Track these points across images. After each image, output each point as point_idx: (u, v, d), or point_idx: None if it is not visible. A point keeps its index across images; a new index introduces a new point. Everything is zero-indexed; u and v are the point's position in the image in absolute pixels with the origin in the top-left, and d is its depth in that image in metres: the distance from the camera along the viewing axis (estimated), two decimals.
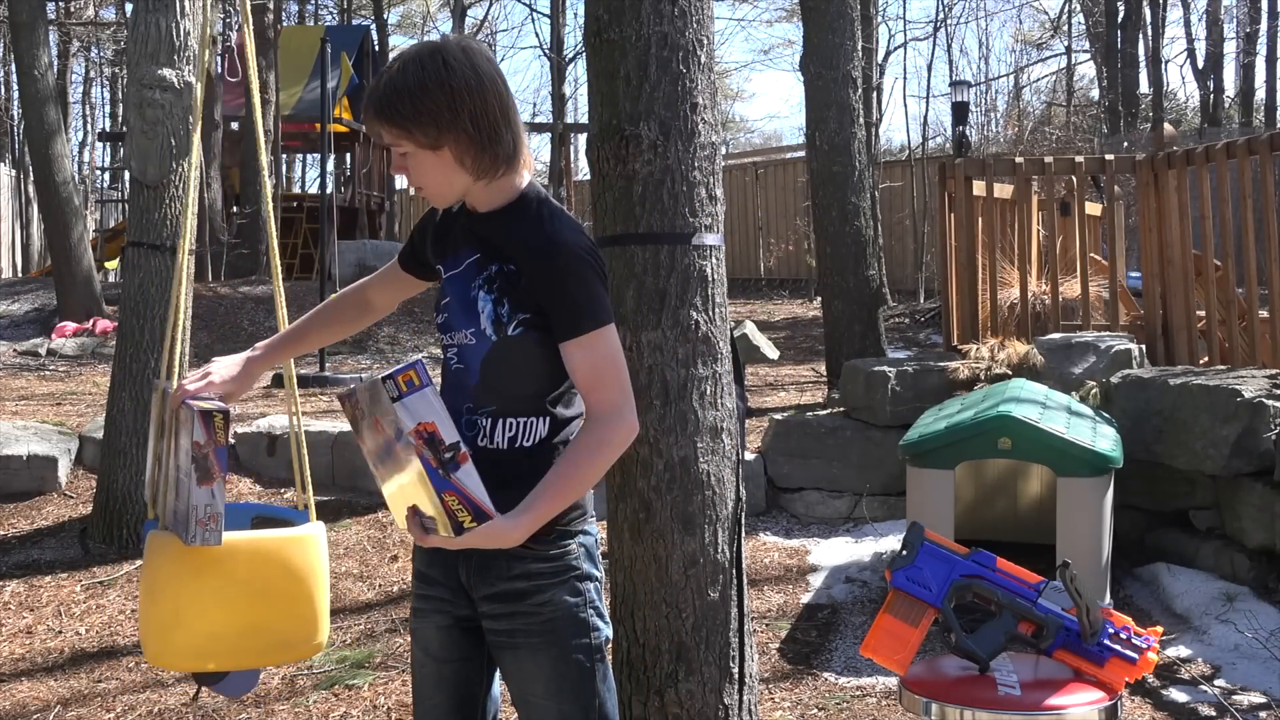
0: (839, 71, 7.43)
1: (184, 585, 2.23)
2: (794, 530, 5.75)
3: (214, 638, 2.24)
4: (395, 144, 2.02)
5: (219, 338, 11.47)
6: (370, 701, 3.88)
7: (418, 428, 1.82)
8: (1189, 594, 4.54)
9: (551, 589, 2.05)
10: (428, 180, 2.05)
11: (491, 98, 1.99)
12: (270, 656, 2.43)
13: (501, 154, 2.02)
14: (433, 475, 1.82)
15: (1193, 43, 24.43)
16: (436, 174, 2.03)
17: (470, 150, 2.00)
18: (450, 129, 1.98)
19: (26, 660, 4.37)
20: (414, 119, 1.97)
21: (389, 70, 2.02)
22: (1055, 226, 7.33)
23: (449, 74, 1.97)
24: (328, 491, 6.03)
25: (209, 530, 2.10)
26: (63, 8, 20.14)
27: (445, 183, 2.05)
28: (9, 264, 20.31)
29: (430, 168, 2.03)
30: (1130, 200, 10.80)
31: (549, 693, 2.06)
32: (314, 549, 2.38)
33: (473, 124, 1.98)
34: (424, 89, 1.96)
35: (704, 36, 2.85)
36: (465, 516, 1.84)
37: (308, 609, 2.34)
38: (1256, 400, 4.57)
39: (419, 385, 1.83)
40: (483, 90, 1.99)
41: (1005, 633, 2.25)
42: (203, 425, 2.07)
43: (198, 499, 2.09)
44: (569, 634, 2.06)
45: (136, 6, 5.58)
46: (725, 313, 2.89)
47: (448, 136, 1.98)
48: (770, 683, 3.99)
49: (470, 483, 1.84)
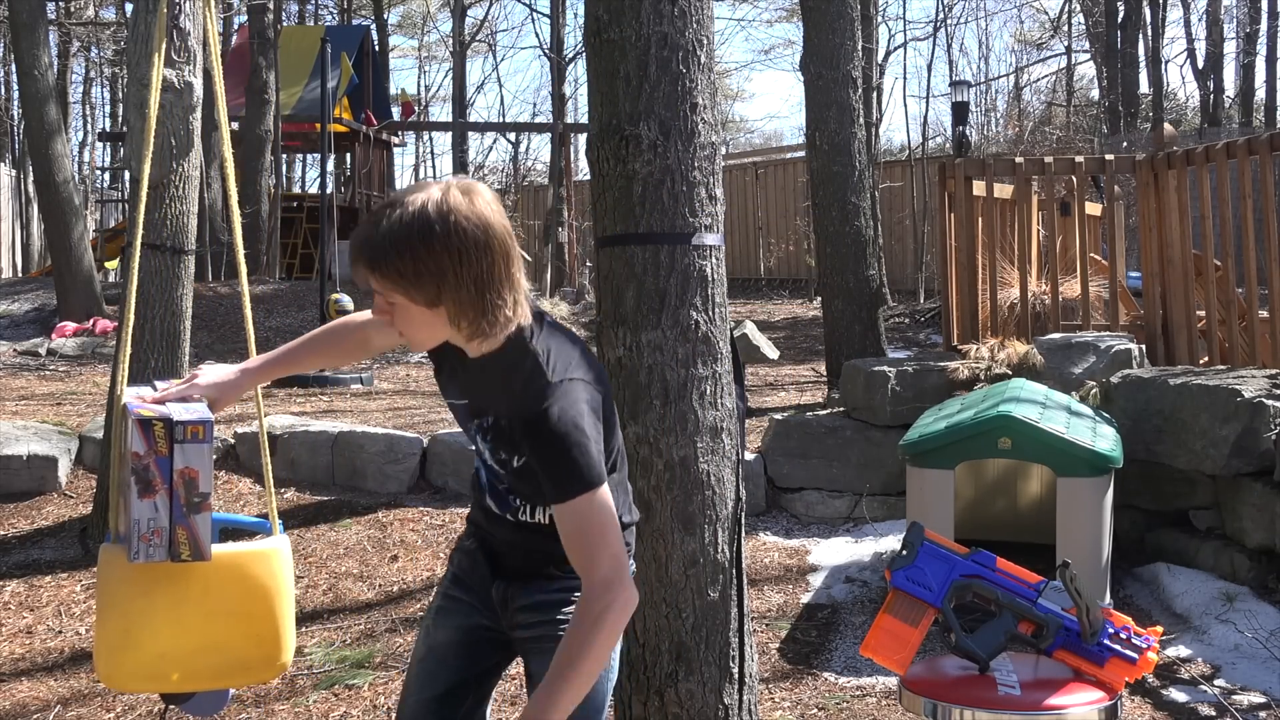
0: (839, 71, 7.43)
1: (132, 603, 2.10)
2: (794, 530, 5.75)
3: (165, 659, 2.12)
4: (385, 294, 1.88)
5: (219, 338, 11.48)
6: (370, 701, 3.88)
7: (184, 469, 2.05)
8: (1189, 594, 4.54)
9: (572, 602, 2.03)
10: (416, 334, 1.94)
11: (499, 257, 1.86)
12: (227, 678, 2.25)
13: (501, 319, 1.89)
14: (176, 509, 2.03)
15: (1193, 43, 24.43)
16: (425, 329, 1.92)
17: (469, 313, 1.87)
18: (452, 291, 1.85)
19: (26, 660, 4.37)
20: (414, 279, 1.84)
21: (389, 213, 1.85)
22: (1055, 226, 7.33)
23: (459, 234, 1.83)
24: (327, 491, 6.03)
25: (153, 546, 2.02)
26: (63, 8, 20.14)
27: (432, 337, 1.95)
28: (9, 264, 20.31)
29: (423, 324, 1.90)
30: (1130, 200, 10.80)
31: None
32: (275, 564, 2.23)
33: (476, 288, 1.85)
34: (428, 248, 1.82)
35: (704, 36, 2.85)
36: (185, 551, 2.05)
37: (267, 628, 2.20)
38: (1256, 400, 4.57)
39: (201, 439, 2.05)
40: (490, 250, 1.85)
41: (1005, 633, 2.25)
42: (140, 434, 2.00)
43: (139, 513, 2.02)
44: None
45: (136, 6, 5.58)
46: (725, 313, 2.89)
47: (448, 297, 1.85)
48: (770, 683, 3.99)
49: (203, 528, 2.06)
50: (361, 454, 6.13)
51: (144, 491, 2.02)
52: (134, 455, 2.01)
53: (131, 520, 2.03)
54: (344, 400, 8.43)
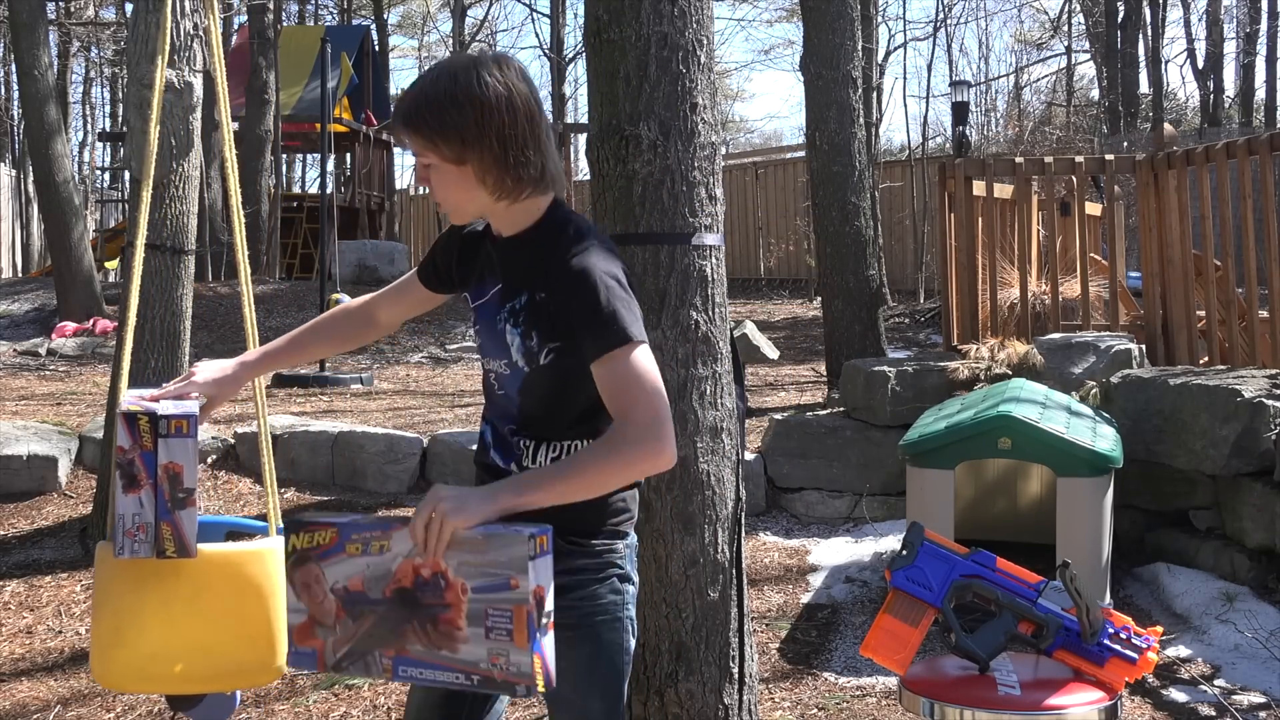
0: (839, 71, 7.43)
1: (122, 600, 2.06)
2: (794, 530, 5.75)
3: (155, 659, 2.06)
4: (420, 154, 1.98)
5: (219, 338, 11.48)
6: (370, 701, 3.88)
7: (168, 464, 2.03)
8: (1189, 594, 4.54)
9: (593, 584, 2.02)
10: (449, 195, 2.00)
11: (523, 117, 1.94)
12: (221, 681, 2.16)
13: (526, 176, 1.97)
14: (161, 504, 2.01)
15: (1193, 43, 24.45)
16: (458, 190, 1.99)
17: (493, 169, 1.95)
18: (475, 145, 1.93)
19: (26, 660, 4.37)
20: (440, 130, 1.93)
21: (423, 78, 1.98)
22: (1055, 226, 7.33)
23: (482, 89, 1.92)
24: (328, 491, 6.03)
25: (138, 541, 2.00)
26: (63, 8, 20.14)
27: (465, 199, 2.01)
28: (9, 264, 20.32)
29: (452, 183, 1.98)
30: (1130, 200, 10.80)
31: (577, 688, 2.01)
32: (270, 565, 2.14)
33: (499, 142, 1.93)
34: (454, 101, 1.92)
35: (704, 36, 2.85)
36: (170, 547, 2.02)
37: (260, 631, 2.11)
38: (1256, 400, 4.57)
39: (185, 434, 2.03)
40: (514, 109, 1.93)
41: (1005, 633, 2.25)
42: (126, 428, 1.99)
43: (124, 508, 2.00)
44: (606, 631, 2.03)
45: (136, 6, 5.58)
46: (725, 313, 2.89)
47: (472, 152, 1.93)
48: (770, 683, 3.99)
49: (188, 524, 2.02)
50: (362, 454, 6.13)
51: (129, 486, 2.00)
52: (119, 450, 2.00)
53: (116, 515, 2.01)
54: (344, 400, 8.44)
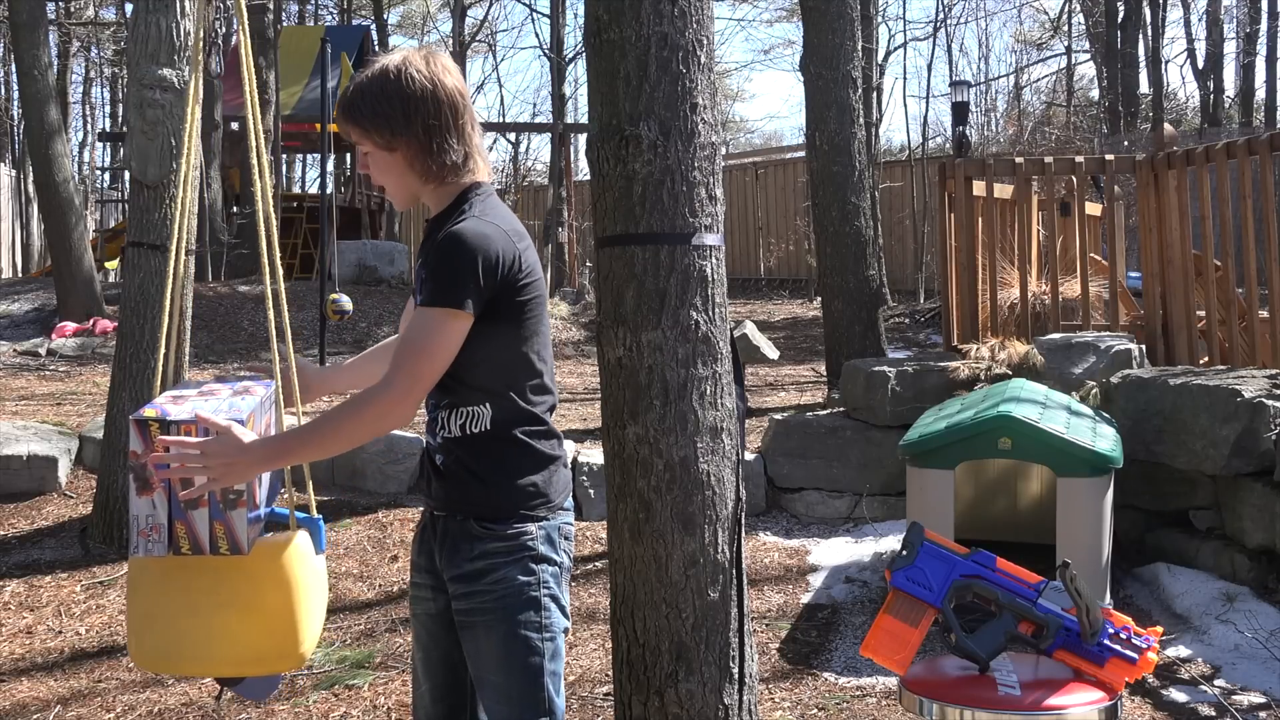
0: (839, 71, 7.44)
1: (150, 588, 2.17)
2: (794, 530, 5.75)
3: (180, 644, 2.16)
4: (359, 142, 2.20)
5: (219, 338, 11.47)
6: (370, 701, 3.88)
7: None
8: (1189, 594, 4.54)
9: (505, 567, 2.14)
10: (385, 179, 2.22)
11: (446, 109, 2.16)
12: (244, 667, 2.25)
13: (449, 162, 2.17)
14: (213, 505, 2.09)
15: (1193, 43, 24.43)
16: (392, 174, 2.21)
17: (420, 156, 2.16)
18: (404, 134, 2.15)
19: (26, 660, 4.37)
20: (372, 121, 2.15)
21: (361, 74, 2.21)
22: (1055, 226, 7.33)
23: (409, 84, 2.14)
24: (328, 491, 6.03)
25: (152, 541, 2.08)
26: (63, 8, 20.15)
27: (399, 183, 2.22)
28: (9, 264, 20.32)
29: (387, 168, 2.20)
30: (1130, 200, 10.80)
31: (498, 668, 2.13)
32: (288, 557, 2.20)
33: (424, 131, 2.15)
34: (384, 95, 2.14)
35: (704, 36, 2.85)
36: (224, 545, 2.11)
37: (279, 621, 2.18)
38: (1256, 400, 4.57)
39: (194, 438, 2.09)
40: (438, 101, 2.15)
41: (1005, 633, 2.25)
42: (138, 434, 2.07)
43: (137, 509, 2.08)
44: (519, 611, 2.14)
45: (136, 6, 5.58)
46: (725, 313, 2.89)
47: (401, 141, 2.16)
48: (770, 683, 3.99)
49: (239, 524, 2.10)
50: (361, 454, 6.13)
51: (141, 489, 2.07)
52: (131, 454, 2.06)
53: (130, 517, 2.09)
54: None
